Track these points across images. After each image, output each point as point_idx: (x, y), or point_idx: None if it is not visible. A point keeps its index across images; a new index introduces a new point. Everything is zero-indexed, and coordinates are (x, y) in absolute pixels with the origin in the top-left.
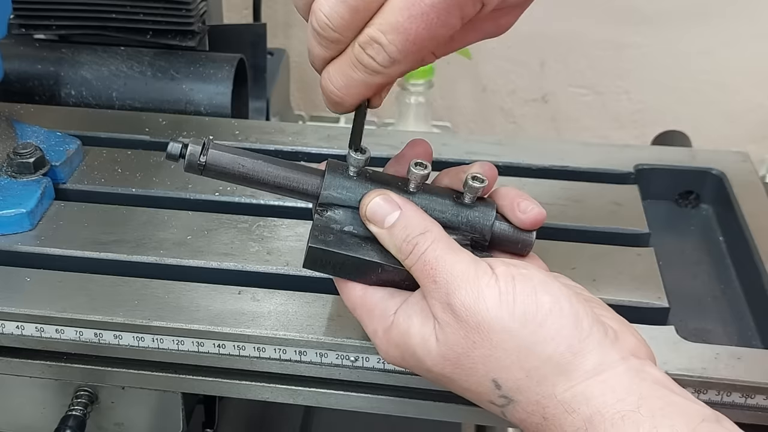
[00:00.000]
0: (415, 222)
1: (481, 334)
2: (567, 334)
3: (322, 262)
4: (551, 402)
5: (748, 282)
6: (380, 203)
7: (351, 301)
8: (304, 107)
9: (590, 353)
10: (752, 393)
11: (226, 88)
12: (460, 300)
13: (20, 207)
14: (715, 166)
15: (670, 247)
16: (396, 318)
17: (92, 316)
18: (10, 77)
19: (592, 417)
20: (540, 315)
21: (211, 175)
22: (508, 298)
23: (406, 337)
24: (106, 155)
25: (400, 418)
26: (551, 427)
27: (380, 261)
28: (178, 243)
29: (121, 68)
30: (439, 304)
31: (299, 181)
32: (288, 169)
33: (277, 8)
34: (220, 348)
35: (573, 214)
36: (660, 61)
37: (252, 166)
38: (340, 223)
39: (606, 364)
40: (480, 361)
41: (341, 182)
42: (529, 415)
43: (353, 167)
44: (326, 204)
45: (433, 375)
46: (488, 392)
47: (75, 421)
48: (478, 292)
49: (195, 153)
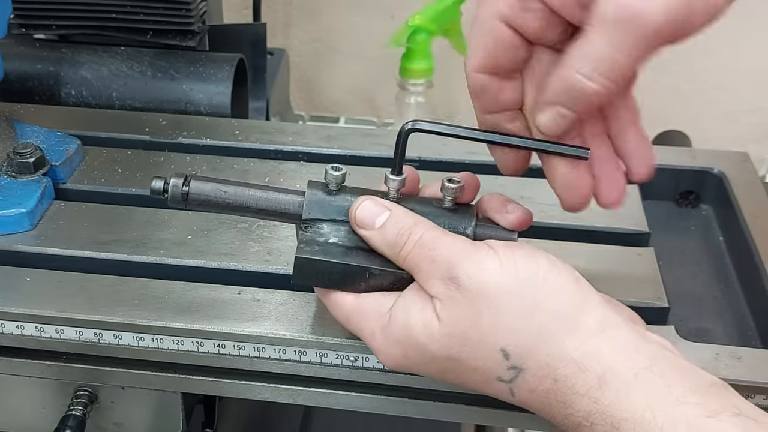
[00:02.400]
0: (406, 217)
1: (488, 300)
2: (569, 289)
3: (311, 272)
4: (562, 362)
5: (748, 282)
6: (369, 206)
7: (344, 310)
8: (304, 107)
9: (594, 309)
10: (752, 393)
11: (226, 88)
12: (463, 270)
13: (20, 207)
14: (715, 166)
15: (670, 247)
16: (393, 313)
17: (92, 316)
18: (10, 77)
19: (604, 374)
20: (541, 274)
21: (194, 205)
22: (509, 263)
23: (406, 329)
24: (106, 155)
25: (400, 418)
26: (562, 389)
27: (369, 265)
28: (178, 243)
29: (121, 68)
30: (440, 281)
31: (281, 202)
32: (270, 191)
33: (277, 8)
34: (220, 348)
35: (573, 214)
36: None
37: (234, 192)
38: (325, 235)
39: (610, 321)
40: (487, 331)
41: (323, 197)
42: (539, 381)
43: (333, 183)
44: (309, 220)
45: (438, 364)
46: (496, 366)
47: (75, 421)
48: (479, 262)
49: (178, 185)
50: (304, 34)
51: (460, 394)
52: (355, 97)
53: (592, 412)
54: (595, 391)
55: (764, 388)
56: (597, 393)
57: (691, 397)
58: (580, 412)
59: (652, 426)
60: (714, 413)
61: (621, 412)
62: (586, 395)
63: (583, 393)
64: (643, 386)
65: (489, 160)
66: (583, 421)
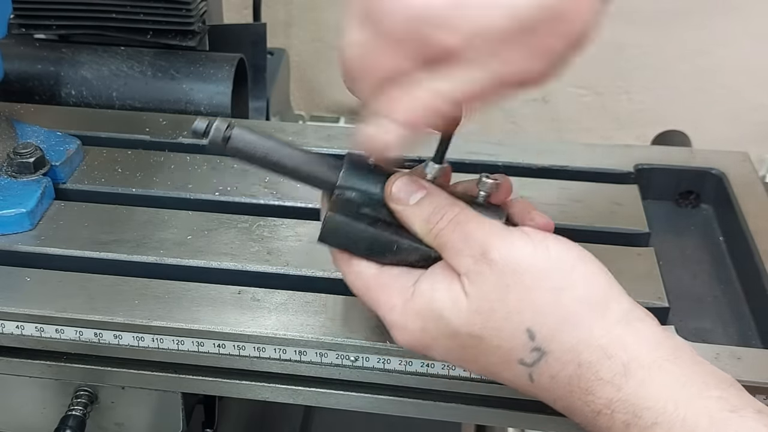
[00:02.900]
0: (443, 197)
1: (517, 277)
2: (598, 278)
3: (340, 234)
4: (588, 347)
5: (748, 282)
6: (407, 182)
7: (364, 280)
8: (304, 107)
9: (620, 299)
10: (752, 393)
11: (226, 88)
12: (496, 249)
13: (20, 207)
14: (715, 166)
15: (670, 247)
16: (418, 287)
17: (92, 316)
18: (10, 77)
19: (629, 363)
20: (571, 260)
21: (233, 152)
22: (542, 246)
23: (430, 303)
24: (106, 155)
25: (400, 418)
26: (586, 375)
27: (398, 237)
28: (178, 243)
29: (121, 68)
30: (470, 258)
31: (320, 164)
32: (310, 155)
33: (277, 8)
34: (220, 348)
35: (573, 214)
36: (660, 61)
37: (274, 146)
38: (357, 204)
39: (635, 314)
40: (515, 309)
41: (361, 170)
42: (562, 366)
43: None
44: (345, 186)
45: (459, 340)
46: (520, 347)
47: (75, 421)
48: (512, 242)
49: (220, 129)
50: (305, 34)
51: (460, 394)
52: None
53: (614, 400)
54: (620, 378)
55: (764, 388)
56: (621, 380)
57: (714, 391)
58: (602, 399)
59: (674, 417)
60: (736, 408)
61: (644, 401)
62: (610, 382)
63: (608, 379)
64: (668, 377)
65: (489, 160)
66: (604, 408)
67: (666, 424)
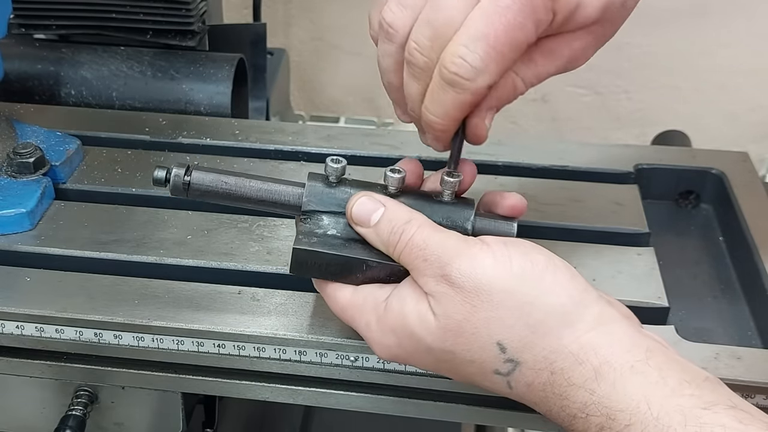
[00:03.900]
0: (399, 214)
1: (481, 297)
2: (566, 285)
3: (308, 264)
4: (559, 355)
5: (748, 282)
6: (365, 202)
7: (340, 302)
8: (304, 107)
9: (591, 304)
10: (752, 393)
11: (225, 88)
12: (456, 268)
13: (20, 207)
14: (715, 166)
15: (670, 247)
16: (389, 303)
17: (92, 316)
18: (10, 77)
19: (600, 366)
20: (537, 271)
21: (196, 195)
22: (503, 259)
23: (401, 318)
24: (106, 155)
25: (400, 418)
26: (558, 381)
27: (366, 257)
28: (178, 243)
29: (121, 68)
30: (432, 279)
31: (282, 193)
32: (270, 183)
33: (277, 8)
34: (220, 348)
35: (573, 214)
36: (660, 61)
37: (235, 182)
38: (324, 227)
39: (607, 316)
40: (482, 325)
41: (322, 189)
42: (536, 374)
43: (333, 176)
44: (309, 211)
45: (434, 355)
46: (493, 359)
47: (75, 420)
48: (472, 258)
49: (179, 175)
50: (304, 34)
51: (460, 394)
52: (355, 96)
53: (588, 404)
54: (591, 382)
55: (764, 388)
56: (593, 384)
57: (687, 389)
58: (576, 404)
59: (648, 416)
60: (709, 405)
61: (617, 403)
62: (582, 387)
63: (580, 384)
64: (639, 378)
65: (488, 160)
66: (578, 413)
67: (639, 424)
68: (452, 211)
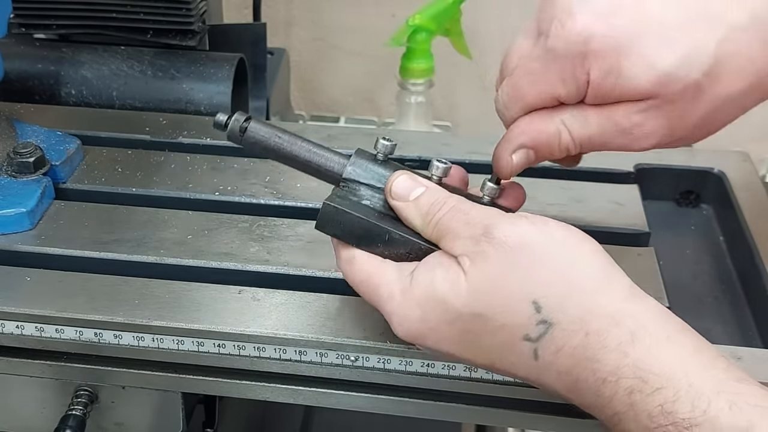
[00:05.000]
0: (442, 192)
1: (523, 253)
2: (601, 257)
3: (334, 222)
4: (595, 316)
5: (748, 282)
6: (407, 179)
7: (366, 269)
8: (304, 107)
9: (623, 277)
10: None
11: (226, 88)
12: (498, 228)
13: (20, 206)
14: (715, 166)
15: (670, 247)
16: (415, 275)
17: (92, 316)
18: (10, 77)
19: (637, 330)
20: (575, 240)
21: (249, 143)
22: (545, 228)
23: (430, 289)
24: (106, 155)
25: (400, 418)
26: (592, 344)
27: (391, 228)
28: (178, 243)
29: (121, 68)
30: (471, 240)
31: (329, 159)
32: (320, 148)
33: (277, 8)
34: (220, 348)
35: (573, 214)
36: None
37: (288, 139)
38: (359, 197)
39: (640, 292)
40: (519, 282)
41: (367, 163)
42: (568, 337)
43: (381, 153)
44: (349, 180)
45: (460, 325)
46: (525, 321)
47: (75, 420)
48: (514, 224)
49: (239, 120)
50: (305, 34)
51: (460, 394)
52: (356, 96)
53: (621, 366)
54: (627, 345)
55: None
56: (628, 347)
57: (722, 363)
58: (608, 367)
59: (682, 382)
60: (742, 379)
61: (651, 366)
62: (616, 349)
63: (614, 347)
64: (676, 347)
65: (489, 160)
66: (609, 376)
67: (672, 389)
68: None
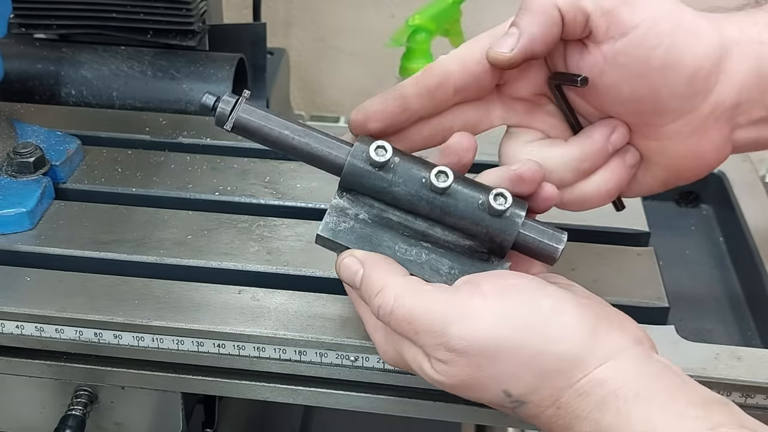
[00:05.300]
0: (372, 281)
1: (487, 357)
2: (575, 330)
3: (331, 246)
4: (565, 392)
5: (748, 282)
6: (348, 266)
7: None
8: (304, 107)
9: (601, 344)
10: (752, 393)
11: (226, 88)
12: (454, 336)
13: (20, 206)
14: None
15: (670, 247)
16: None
17: (92, 316)
18: (10, 77)
19: (605, 397)
20: (542, 318)
21: (239, 132)
22: (503, 312)
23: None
24: (106, 155)
25: (400, 418)
26: (563, 414)
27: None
28: (178, 243)
29: (121, 68)
30: (429, 347)
31: (323, 160)
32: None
33: (277, 8)
34: (220, 348)
35: (573, 214)
36: None
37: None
38: (357, 208)
39: (616, 350)
40: (489, 379)
41: (362, 170)
42: (542, 409)
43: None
44: (345, 189)
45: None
46: (499, 401)
47: (75, 420)
48: (469, 319)
49: (225, 111)
50: (304, 34)
51: None
52: (356, 96)
53: None
54: (596, 413)
55: (764, 388)
56: (598, 415)
57: (693, 411)
58: None
59: None
60: (716, 426)
61: (621, 429)
62: (587, 418)
63: (584, 416)
64: (644, 404)
65: (489, 160)
66: None
67: None
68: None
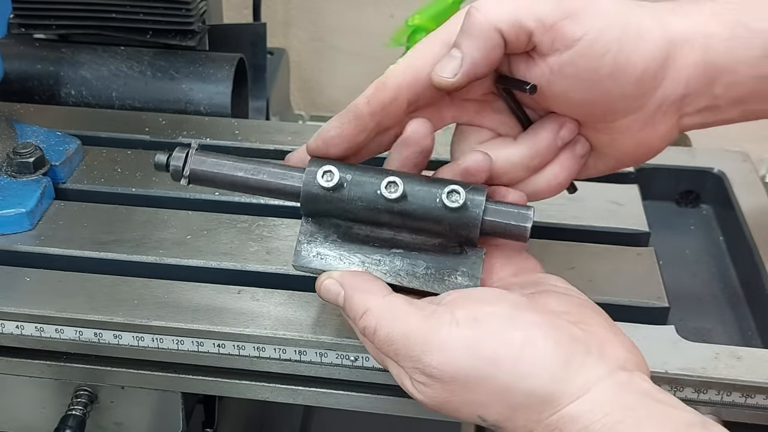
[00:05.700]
0: (355, 301)
1: (458, 384)
2: (547, 365)
3: (308, 271)
4: (539, 425)
5: (748, 282)
6: (327, 288)
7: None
8: (304, 107)
9: (575, 377)
10: (752, 393)
11: (225, 88)
12: (428, 363)
13: (20, 207)
14: (715, 166)
15: (670, 247)
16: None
17: (92, 316)
18: (9, 77)
19: None
20: (513, 352)
21: (197, 182)
22: (475, 343)
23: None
24: (106, 155)
25: (400, 418)
26: None
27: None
28: (177, 243)
29: (120, 68)
30: (409, 368)
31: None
32: (272, 170)
33: (277, 8)
34: (220, 348)
35: (573, 214)
36: None
37: (234, 167)
38: (325, 229)
39: (592, 381)
40: (462, 405)
41: (317, 195)
42: None
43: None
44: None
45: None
46: (477, 422)
47: (75, 420)
48: (442, 348)
49: (178, 168)
50: (304, 34)
51: None
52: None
53: None
54: None
55: (764, 388)
56: None
57: None
58: None
59: None
60: None
61: None
62: None
63: None
64: None
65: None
66: None
67: None
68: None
